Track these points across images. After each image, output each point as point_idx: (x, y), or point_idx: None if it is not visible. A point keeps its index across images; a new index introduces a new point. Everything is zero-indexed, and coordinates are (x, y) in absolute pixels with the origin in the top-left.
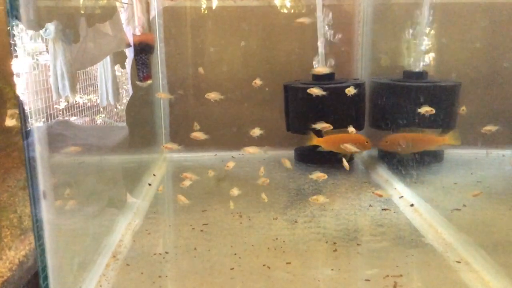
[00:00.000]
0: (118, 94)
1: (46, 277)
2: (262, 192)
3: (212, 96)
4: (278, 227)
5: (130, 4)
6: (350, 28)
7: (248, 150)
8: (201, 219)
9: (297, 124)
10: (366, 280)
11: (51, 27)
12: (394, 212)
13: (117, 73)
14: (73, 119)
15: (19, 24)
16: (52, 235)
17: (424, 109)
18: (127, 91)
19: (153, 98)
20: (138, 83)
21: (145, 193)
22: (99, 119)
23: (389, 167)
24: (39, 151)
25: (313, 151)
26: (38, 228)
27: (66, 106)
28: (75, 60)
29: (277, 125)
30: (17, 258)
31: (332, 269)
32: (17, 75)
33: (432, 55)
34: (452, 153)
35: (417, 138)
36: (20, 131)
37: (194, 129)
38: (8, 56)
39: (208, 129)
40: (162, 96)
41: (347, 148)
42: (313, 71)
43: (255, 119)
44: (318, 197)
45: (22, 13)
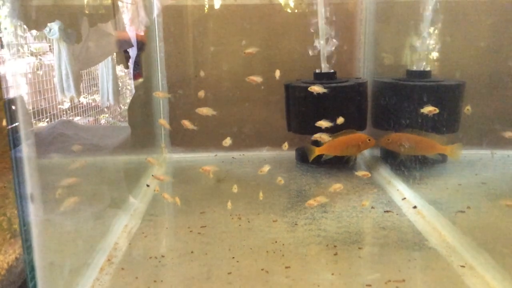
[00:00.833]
0: (118, 94)
1: (35, 285)
2: (264, 192)
3: (204, 112)
4: (277, 230)
5: (133, 4)
6: (352, 26)
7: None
8: (199, 221)
9: (298, 124)
10: (367, 286)
11: (55, 27)
12: (397, 214)
13: (121, 73)
14: (67, 119)
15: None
16: (40, 239)
17: (427, 109)
18: (131, 91)
19: (153, 98)
20: (130, 81)
21: (143, 194)
22: (102, 119)
23: (392, 168)
24: (26, 153)
25: (318, 160)
26: (25, 232)
27: (62, 105)
28: (78, 60)
29: (278, 125)
30: (6, 263)
31: (333, 274)
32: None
33: (435, 54)
34: None
35: (419, 141)
36: (8, 132)
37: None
38: None
39: (208, 129)
40: (160, 95)
41: (322, 138)
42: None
43: (256, 119)
44: (315, 200)
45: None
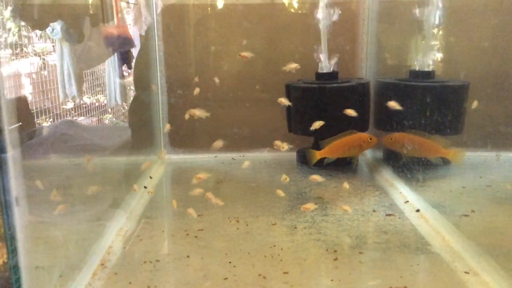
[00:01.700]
0: (126, 94)
1: None
2: (263, 194)
3: (197, 113)
4: (276, 233)
5: (136, 4)
6: (354, 26)
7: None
8: (197, 224)
9: (299, 125)
10: None
11: (57, 26)
12: (399, 217)
13: (125, 73)
14: (70, 119)
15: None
16: (26, 242)
17: (391, 103)
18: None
19: (152, 99)
20: (118, 80)
21: (140, 196)
22: (106, 119)
23: (394, 170)
24: (11, 154)
25: (321, 163)
26: (10, 237)
27: (65, 105)
28: (80, 60)
29: (279, 126)
30: None
31: (332, 280)
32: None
33: (439, 54)
34: None
35: (422, 143)
36: None
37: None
38: None
39: (208, 130)
40: (153, 87)
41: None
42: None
43: (256, 119)
44: (309, 205)
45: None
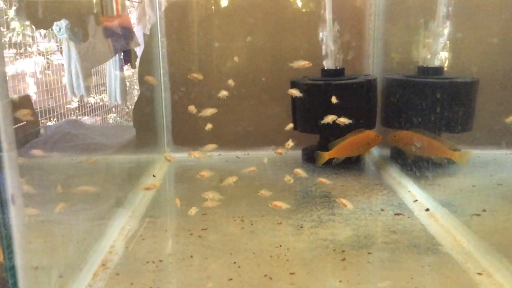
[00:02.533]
0: (126, 93)
1: None
2: (267, 191)
3: (195, 76)
4: (282, 233)
5: (140, 2)
6: (361, 21)
7: (194, 154)
8: (200, 223)
9: (305, 123)
10: None
11: (64, 25)
12: (408, 217)
13: (129, 73)
14: (74, 118)
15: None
16: (23, 242)
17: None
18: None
19: (155, 96)
20: (119, 78)
21: (143, 195)
22: (110, 119)
23: (402, 168)
24: (6, 151)
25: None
26: (6, 237)
27: (70, 105)
28: (87, 59)
29: (284, 123)
30: None
31: (340, 281)
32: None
33: (448, 50)
34: None
35: (428, 142)
36: None
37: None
38: None
39: (212, 128)
40: (149, 79)
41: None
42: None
43: (261, 117)
44: (280, 204)
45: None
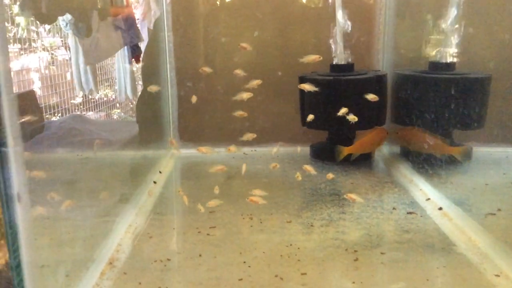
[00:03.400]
0: (136, 89)
1: None
2: (276, 190)
3: (205, 69)
4: (292, 232)
5: None
6: (371, 16)
7: (201, 150)
8: (208, 221)
9: (313, 119)
10: None
11: (69, 20)
12: (421, 216)
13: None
14: (78, 114)
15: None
16: (30, 242)
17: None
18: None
19: (161, 92)
20: (129, 74)
21: (150, 191)
22: (114, 114)
23: (413, 165)
24: (12, 147)
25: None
26: (12, 235)
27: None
28: (94, 53)
29: (292, 119)
30: None
31: (354, 282)
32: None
33: (460, 45)
34: (481, 151)
35: (427, 138)
36: None
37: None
38: None
39: (218, 124)
40: (153, 89)
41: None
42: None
43: (268, 113)
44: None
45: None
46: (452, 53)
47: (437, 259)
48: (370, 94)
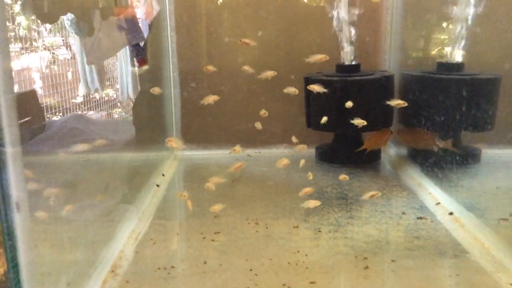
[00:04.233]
0: (138, 88)
1: None
2: (282, 193)
3: (209, 68)
4: (299, 237)
5: None
6: (377, 15)
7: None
8: (213, 226)
9: (319, 120)
10: None
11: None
12: (432, 221)
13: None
14: (80, 113)
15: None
16: (29, 253)
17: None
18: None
19: (164, 93)
20: (134, 69)
21: (152, 195)
22: (115, 114)
23: (422, 168)
24: (10, 154)
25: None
26: (10, 247)
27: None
28: (92, 53)
29: (297, 120)
30: None
31: None
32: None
33: (468, 45)
34: (489, 153)
35: (424, 135)
36: None
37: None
38: None
39: (222, 125)
40: (156, 90)
41: None
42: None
43: (273, 114)
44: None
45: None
46: (461, 53)
47: (450, 267)
48: (396, 99)
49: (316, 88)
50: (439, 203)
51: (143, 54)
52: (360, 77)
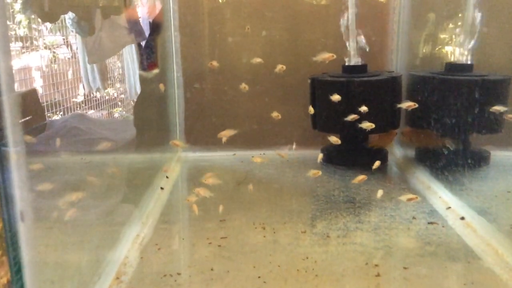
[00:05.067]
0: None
1: None
2: (288, 197)
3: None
4: (307, 243)
5: None
6: (384, 14)
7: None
8: (219, 230)
9: (324, 122)
10: None
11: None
12: (443, 226)
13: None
14: (80, 113)
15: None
16: (33, 263)
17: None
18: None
19: (167, 93)
20: (141, 72)
21: (157, 198)
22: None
23: (431, 171)
24: (14, 160)
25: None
26: (14, 259)
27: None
28: (94, 52)
29: (302, 122)
30: None
31: None
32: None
33: (477, 45)
34: (499, 155)
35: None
36: None
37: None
38: None
39: (226, 126)
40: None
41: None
42: None
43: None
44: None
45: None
46: (469, 54)
47: (464, 275)
48: (405, 101)
49: (335, 97)
50: (449, 208)
51: (153, 58)
52: (367, 78)
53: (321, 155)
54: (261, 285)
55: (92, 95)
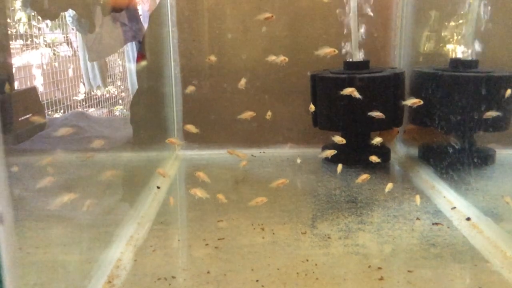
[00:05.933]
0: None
1: None
2: (287, 197)
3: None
4: (308, 245)
5: None
6: (386, 9)
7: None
8: (216, 231)
9: (325, 119)
10: None
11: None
12: (448, 227)
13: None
14: (81, 111)
15: None
16: (14, 267)
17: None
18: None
19: (165, 90)
20: (130, 65)
21: (153, 198)
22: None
23: (435, 170)
24: None
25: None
26: None
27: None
28: (94, 50)
29: (303, 120)
30: None
31: None
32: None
33: (482, 41)
34: (504, 154)
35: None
36: None
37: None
38: None
39: (225, 124)
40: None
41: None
42: None
43: (277, 113)
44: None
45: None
46: (474, 50)
47: (471, 278)
48: (410, 98)
49: (351, 92)
50: (455, 208)
51: (141, 48)
52: (369, 74)
53: (340, 166)
54: None
55: (92, 93)
